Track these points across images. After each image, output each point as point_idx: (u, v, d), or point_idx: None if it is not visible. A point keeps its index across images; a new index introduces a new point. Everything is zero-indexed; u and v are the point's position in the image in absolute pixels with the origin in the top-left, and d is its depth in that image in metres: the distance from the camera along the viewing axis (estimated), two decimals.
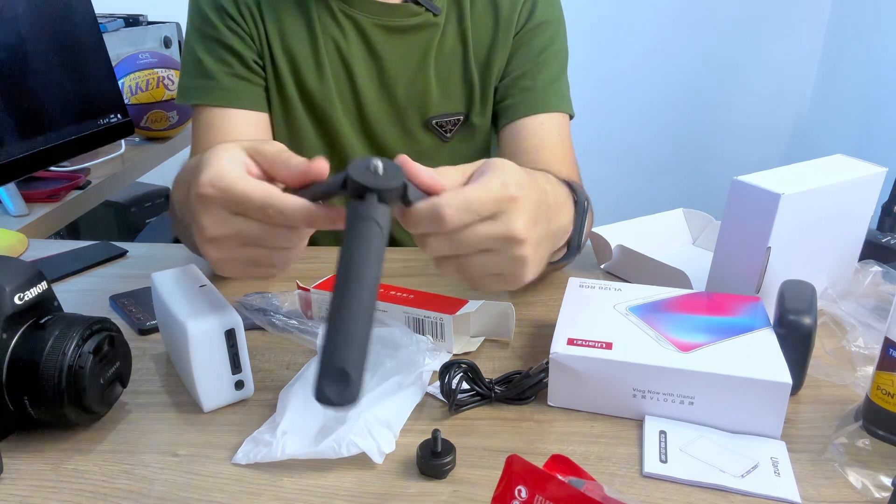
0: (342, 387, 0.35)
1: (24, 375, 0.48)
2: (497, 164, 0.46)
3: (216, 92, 0.82)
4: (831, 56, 2.26)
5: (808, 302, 0.54)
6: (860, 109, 2.08)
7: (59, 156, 1.07)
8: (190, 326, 0.51)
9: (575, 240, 0.60)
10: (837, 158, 0.70)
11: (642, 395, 0.52)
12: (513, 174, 0.45)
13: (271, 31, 0.83)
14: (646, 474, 0.47)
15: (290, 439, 0.48)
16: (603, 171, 2.40)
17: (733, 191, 0.63)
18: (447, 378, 0.53)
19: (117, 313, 0.71)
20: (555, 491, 0.36)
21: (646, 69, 2.35)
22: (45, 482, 0.47)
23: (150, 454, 0.50)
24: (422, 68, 0.86)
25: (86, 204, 1.26)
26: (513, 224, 0.44)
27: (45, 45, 1.05)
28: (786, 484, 0.46)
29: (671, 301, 0.60)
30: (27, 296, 0.50)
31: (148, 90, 1.50)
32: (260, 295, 0.70)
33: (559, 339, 0.54)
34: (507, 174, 0.45)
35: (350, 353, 0.35)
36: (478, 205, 0.43)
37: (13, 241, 0.90)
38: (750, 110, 2.39)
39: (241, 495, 0.46)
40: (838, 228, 0.68)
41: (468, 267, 0.46)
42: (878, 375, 0.50)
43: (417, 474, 0.47)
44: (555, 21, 0.89)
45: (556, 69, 0.88)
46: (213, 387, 0.53)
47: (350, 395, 0.35)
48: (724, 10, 2.26)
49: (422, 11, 0.84)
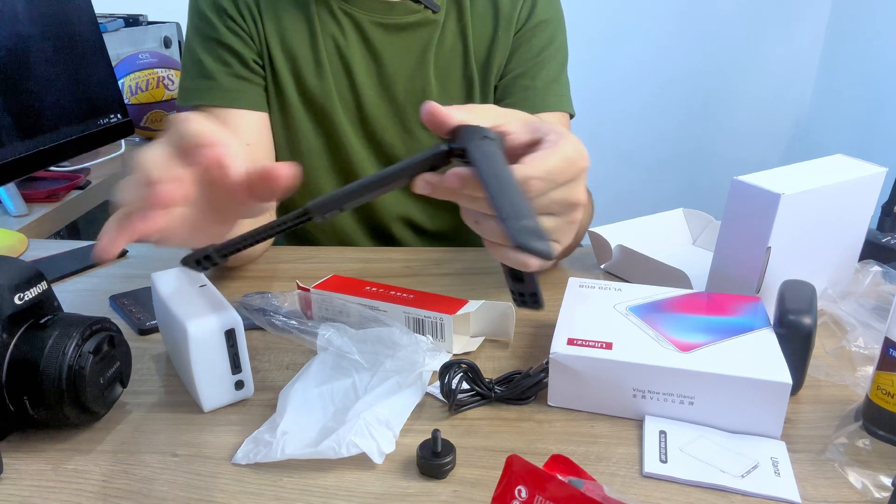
0: (543, 241, 0.37)
1: (24, 375, 0.48)
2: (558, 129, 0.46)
3: (217, 92, 0.82)
4: (831, 56, 2.26)
5: (808, 302, 0.54)
6: (860, 109, 2.08)
7: (59, 156, 1.07)
8: (190, 326, 0.51)
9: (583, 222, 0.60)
10: (837, 158, 0.70)
11: (642, 395, 0.52)
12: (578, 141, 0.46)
13: (270, 30, 0.83)
14: (646, 474, 0.47)
15: (290, 439, 0.48)
16: (603, 171, 2.40)
17: (733, 191, 0.63)
18: (447, 378, 0.53)
19: (117, 313, 0.71)
20: (555, 491, 0.36)
21: (646, 69, 2.35)
22: (45, 482, 0.47)
23: (150, 454, 0.50)
24: (421, 66, 0.86)
25: (86, 204, 1.26)
26: (580, 191, 0.45)
27: (45, 45, 1.05)
28: (786, 484, 0.46)
29: (671, 301, 0.60)
30: (27, 296, 0.50)
31: (148, 90, 1.50)
32: (260, 295, 0.70)
33: (559, 339, 0.54)
34: (576, 141, 0.46)
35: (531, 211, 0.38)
36: (558, 174, 0.43)
37: (13, 241, 0.90)
38: (750, 110, 2.39)
39: (241, 495, 0.46)
40: (838, 228, 0.68)
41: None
42: (878, 375, 0.50)
43: (417, 474, 0.47)
44: (555, 20, 0.89)
45: (555, 68, 0.88)
46: (213, 387, 0.53)
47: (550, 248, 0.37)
48: (724, 10, 2.26)
49: (421, 9, 0.84)
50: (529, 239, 0.36)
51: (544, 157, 0.43)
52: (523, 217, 0.37)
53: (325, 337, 0.58)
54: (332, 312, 0.66)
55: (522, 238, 0.36)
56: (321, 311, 0.66)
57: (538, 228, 0.37)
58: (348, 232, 0.94)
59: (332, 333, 0.58)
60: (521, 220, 0.37)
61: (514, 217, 0.37)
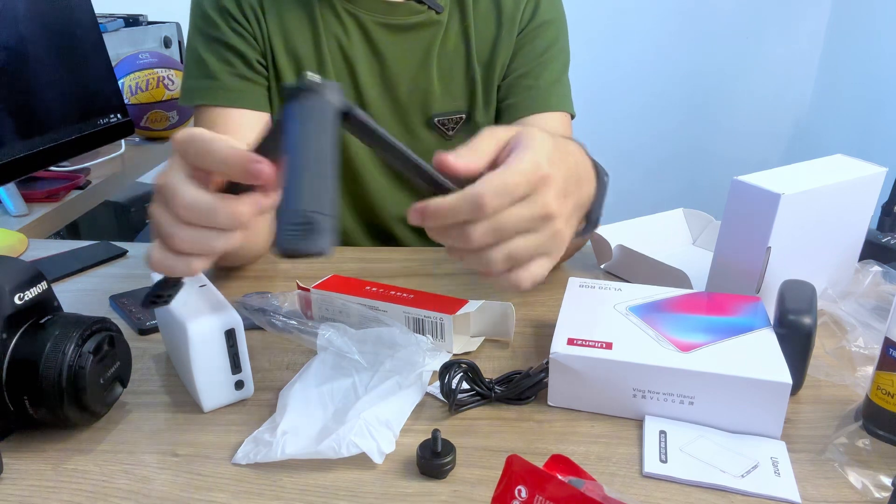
0: (309, 232, 0.31)
1: (24, 375, 0.48)
2: (529, 139, 0.45)
3: (219, 92, 0.82)
4: (831, 56, 2.26)
5: (808, 302, 0.54)
6: (860, 109, 2.08)
7: (59, 156, 1.07)
8: (190, 326, 0.51)
9: (594, 215, 0.60)
10: (837, 158, 0.70)
11: (642, 395, 0.52)
12: (544, 149, 0.45)
13: (273, 30, 0.83)
14: (646, 474, 0.47)
15: (290, 439, 0.48)
16: None
17: (733, 191, 0.63)
18: (447, 378, 0.53)
19: (117, 313, 0.71)
20: (555, 491, 0.36)
21: (646, 69, 2.35)
22: (45, 482, 0.47)
23: (150, 454, 0.50)
24: (424, 66, 0.86)
25: (86, 204, 1.26)
26: (546, 201, 0.44)
27: (45, 45, 1.05)
28: (786, 484, 0.46)
29: (671, 301, 0.60)
30: (27, 296, 0.50)
31: (148, 90, 1.50)
32: (260, 295, 0.70)
33: (559, 338, 0.54)
34: (539, 150, 0.45)
35: (313, 198, 0.32)
36: (513, 187, 0.43)
37: (13, 241, 0.90)
38: (750, 110, 2.39)
39: (241, 495, 0.46)
40: (838, 228, 0.68)
41: (516, 253, 0.45)
42: (878, 375, 0.50)
43: (417, 474, 0.47)
44: (557, 21, 0.89)
45: (558, 69, 0.88)
46: (213, 387, 0.53)
47: (319, 242, 0.31)
48: (725, 10, 2.26)
49: (424, 9, 0.84)
50: (294, 239, 0.31)
51: (497, 174, 0.43)
52: (306, 205, 0.31)
53: (325, 337, 0.58)
54: (332, 312, 0.66)
55: (284, 237, 0.31)
56: (321, 311, 0.66)
57: (316, 220, 0.31)
58: (348, 232, 0.94)
59: (332, 333, 0.58)
60: (300, 210, 0.31)
61: (290, 208, 0.31)
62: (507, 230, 0.44)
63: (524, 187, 0.43)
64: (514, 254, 0.45)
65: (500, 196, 0.42)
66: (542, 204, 0.44)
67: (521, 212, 0.43)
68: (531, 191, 0.43)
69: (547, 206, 0.44)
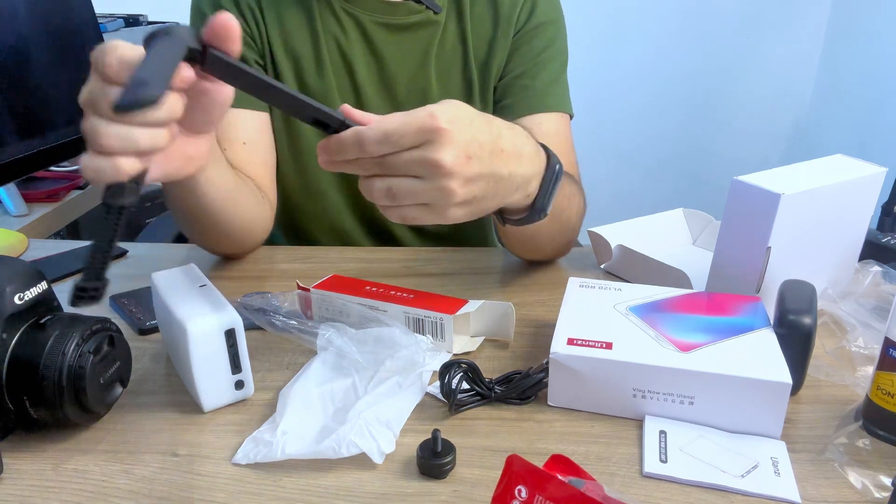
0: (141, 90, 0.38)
1: (24, 375, 0.48)
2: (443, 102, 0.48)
3: None
4: (831, 56, 2.26)
5: (808, 302, 0.54)
6: (860, 109, 2.08)
7: (59, 156, 1.07)
8: (190, 326, 0.51)
9: (539, 202, 0.60)
10: (837, 158, 0.70)
11: (642, 395, 0.52)
12: (450, 109, 0.48)
13: (272, 30, 0.83)
14: (646, 474, 0.47)
15: (290, 439, 0.48)
16: (603, 171, 2.41)
17: (733, 191, 0.63)
18: (447, 378, 0.53)
19: (117, 313, 0.71)
20: (555, 491, 0.36)
21: (646, 69, 2.35)
22: (45, 482, 0.47)
23: (150, 454, 0.50)
24: (422, 66, 0.86)
25: (86, 204, 1.26)
26: (438, 153, 0.47)
27: (45, 45, 1.05)
28: (786, 484, 0.46)
29: (671, 301, 0.60)
30: (27, 296, 0.50)
31: None
32: (260, 295, 0.70)
33: (559, 338, 0.54)
34: (442, 108, 0.48)
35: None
36: (400, 132, 0.46)
37: (13, 241, 0.90)
38: (750, 110, 2.39)
39: (241, 495, 0.46)
40: (838, 228, 0.68)
41: (396, 191, 0.48)
42: (878, 375, 0.50)
43: (417, 474, 0.47)
44: (555, 22, 0.89)
45: (555, 70, 0.88)
46: (213, 387, 0.53)
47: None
48: (724, 10, 2.26)
49: (422, 10, 0.84)
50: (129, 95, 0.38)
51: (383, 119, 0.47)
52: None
53: (325, 337, 0.58)
54: (332, 312, 0.66)
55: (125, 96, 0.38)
56: (321, 311, 0.66)
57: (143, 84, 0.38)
58: (348, 232, 0.94)
59: (332, 333, 0.58)
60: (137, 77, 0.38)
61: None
62: (391, 167, 0.47)
63: (413, 135, 0.46)
64: (394, 191, 0.48)
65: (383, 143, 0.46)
66: (435, 154, 0.47)
67: (409, 155, 0.47)
68: (422, 140, 0.47)
69: (438, 158, 0.47)
